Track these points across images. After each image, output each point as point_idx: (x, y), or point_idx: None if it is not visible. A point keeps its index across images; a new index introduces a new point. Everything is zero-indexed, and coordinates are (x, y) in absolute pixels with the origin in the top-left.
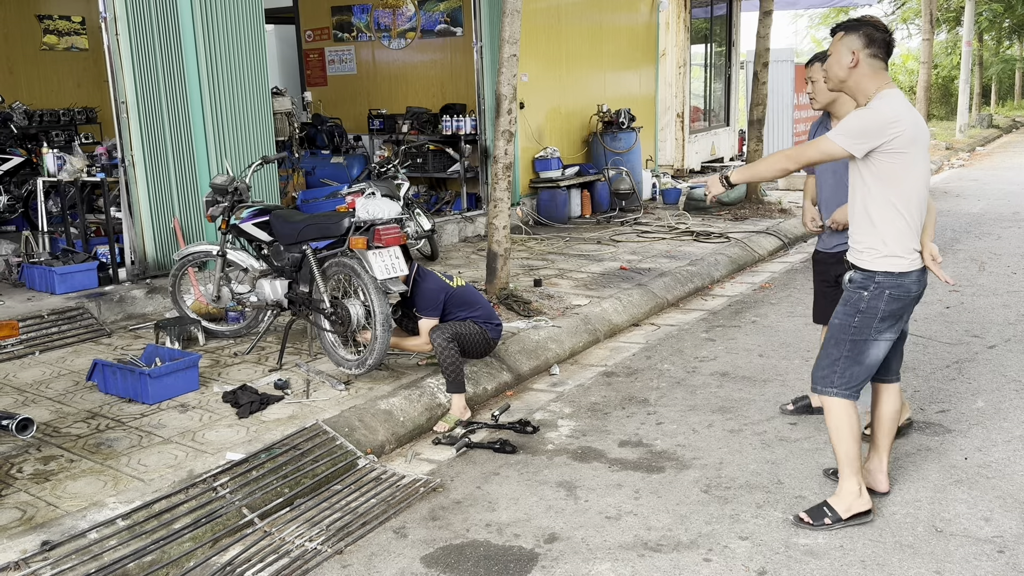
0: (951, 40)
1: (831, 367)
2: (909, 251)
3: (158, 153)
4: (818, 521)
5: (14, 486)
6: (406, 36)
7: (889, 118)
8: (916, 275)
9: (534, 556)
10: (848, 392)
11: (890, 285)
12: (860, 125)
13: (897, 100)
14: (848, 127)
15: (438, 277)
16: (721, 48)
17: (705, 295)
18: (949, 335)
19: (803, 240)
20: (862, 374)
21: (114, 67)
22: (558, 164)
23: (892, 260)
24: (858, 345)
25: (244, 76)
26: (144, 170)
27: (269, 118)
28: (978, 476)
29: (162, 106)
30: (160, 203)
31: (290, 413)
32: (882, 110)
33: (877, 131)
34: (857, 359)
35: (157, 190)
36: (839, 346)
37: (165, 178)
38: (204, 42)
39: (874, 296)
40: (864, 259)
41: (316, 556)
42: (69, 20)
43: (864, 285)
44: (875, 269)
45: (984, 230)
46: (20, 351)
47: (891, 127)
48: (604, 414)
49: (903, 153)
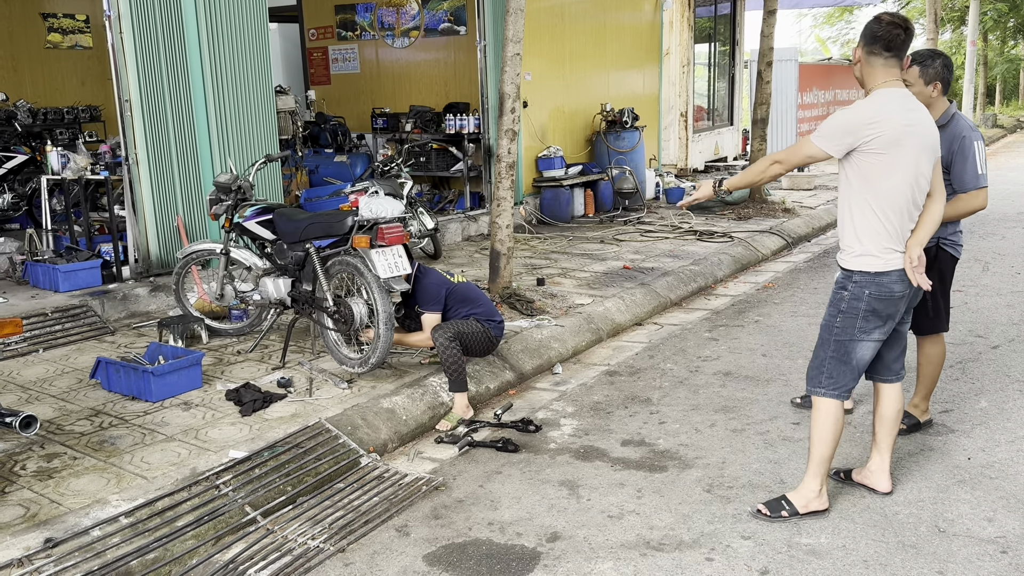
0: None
1: (819, 368)
2: (884, 250)
3: (162, 151)
4: (775, 513)
5: (17, 483)
6: (410, 35)
7: (867, 118)
8: (897, 275)
9: (536, 555)
10: (836, 392)
11: (868, 284)
12: (836, 125)
13: (885, 99)
14: (825, 127)
15: (438, 273)
16: (725, 47)
17: (708, 295)
18: (952, 335)
19: (807, 240)
20: (848, 374)
21: (118, 65)
22: (561, 163)
23: (867, 259)
24: (843, 345)
25: (248, 74)
26: (148, 168)
27: (273, 117)
28: (981, 476)
29: (166, 104)
30: (164, 201)
31: (293, 411)
32: (861, 110)
33: (852, 130)
34: (843, 359)
35: (161, 188)
36: (825, 347)
37: (169, 176)
38: (208, 40)
39: (854, 296)
40: (844, 258)
41: (318, 554)
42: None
43: (844, 284)
44: (852, 268)
45: (988, 230)
46: (24, 349)
47: (868, 127)
48: (607, 413)
49: (881, 154)
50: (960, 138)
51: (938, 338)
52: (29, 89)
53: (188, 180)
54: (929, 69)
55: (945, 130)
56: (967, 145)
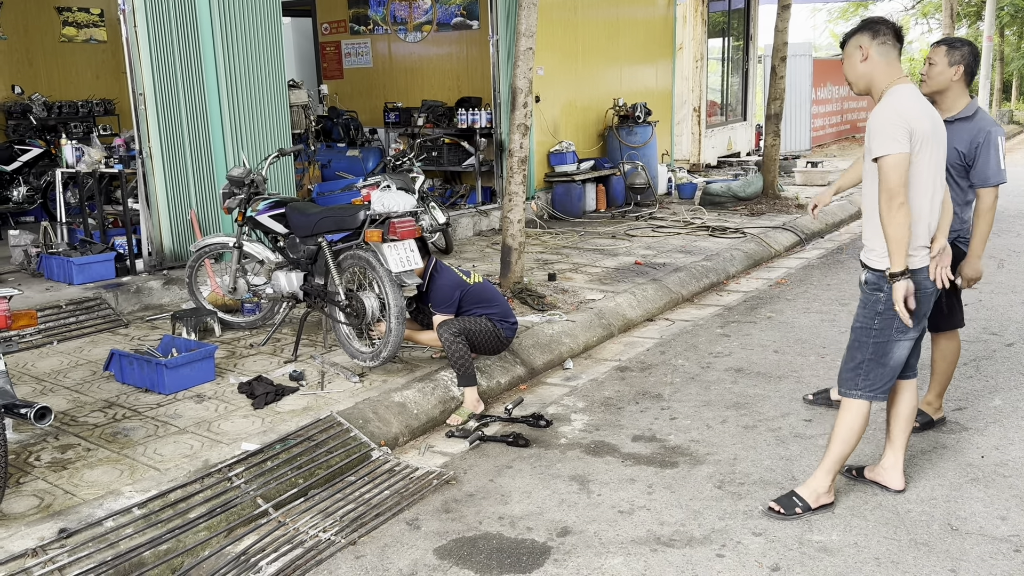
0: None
1: (855, 371)
2: (916, 248)
3: (175, 145)
4: (790, 511)
5: (32, 474)
6: (422, 29)
7: (909, 114)
8: (927, 271)
9: (546, 549)
10: (873, 394)
11: None
12: (891, 123)
13: (911, 95)
14: (885, 132)
15: (455, 273)
16: (738, 42)
17: (720, 290)
18: (966, 333)
19: (820, 236)
20: (886, 375)
21: (132, 59)
22: (573, 158)
23: None
24: (881, 347)
25: (261, 69)
26: (161, 162)
27: (285, 111)
28: (995, 474)
29: (179, 98)
30: (177, 195)
31: (305, 404)
32: (901, 106)
33: (904, 125)
34: (881, 361)
35: (174, 182)
36: (862, 349)
37: (182, 170)
38: (221, 34)
39: (890, 296)
40: (872, 258)
41: (330, 547)
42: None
43: (879, 286)
44: (885, 268)
45: (1003, 227)
46: (38, 341)
47: (912, 123)
48: (618, 409)
49: (916, 152)
50: (985, 132)
51: (953, 334)
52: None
53: (201, 174)
54: (955, 52)
55: (969, 123)
56: (992, 139)
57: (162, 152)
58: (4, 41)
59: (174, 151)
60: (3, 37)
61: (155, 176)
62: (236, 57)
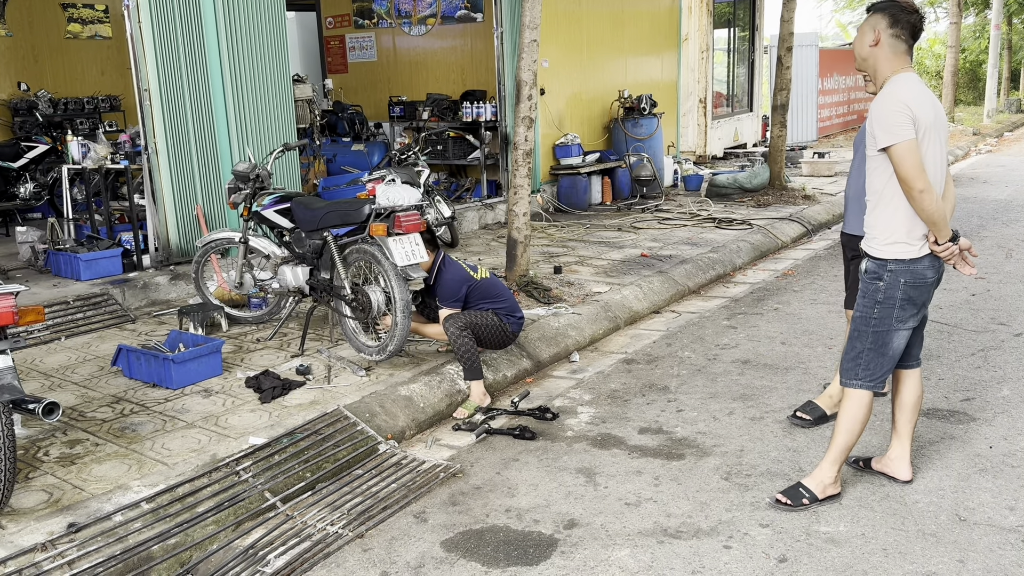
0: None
1: (855, 360)
2: (917, 238)
3: (181, 140)
4: (797, 502)
5: (41, 469)
6: (426, 22)
7: (912, 102)
8: (928, 260)
9: (553, 541)
10: (872, 384)
11: (903, 272)
12: (894, 112)
13: (914, 84)
14: (888, 121)
15: (462, 267)
16: (744, 32)
17: (727, 282)
18: (975, 323)
19: (827, 227)
20: (885, 364)
21: (137, 55)
22: (579, 150)
23: (901, 247)
24: (880, 336)
25: (265, 63)
26: (167, 157)
27: (290, 105)
28: (1003, 465)
29: (184, 94)
30: (183, 190)
31: (312, 398)
32: (903, 94)
33: (908, 112)
34: (880, 350)
35: (180, 177)
36: (862, 339)
37: (188, 165)
38: (226, 30)
39: (890, 285)
40: (875, 247)
41: (337, 540)
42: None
43: (878, 275)
44: (886, 257)
45: (1011, 216)
46: (46, 336)
47: (915, 111)
48: (624, 401)
49: (921, 139)
50: None
51: None
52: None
53: (207, 169)
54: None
55: None
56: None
57: (168, 148)
58: (10, 38)
59: (179, 147)
60: (9, 34)
61: (161, 172)
62: (240, 52)
